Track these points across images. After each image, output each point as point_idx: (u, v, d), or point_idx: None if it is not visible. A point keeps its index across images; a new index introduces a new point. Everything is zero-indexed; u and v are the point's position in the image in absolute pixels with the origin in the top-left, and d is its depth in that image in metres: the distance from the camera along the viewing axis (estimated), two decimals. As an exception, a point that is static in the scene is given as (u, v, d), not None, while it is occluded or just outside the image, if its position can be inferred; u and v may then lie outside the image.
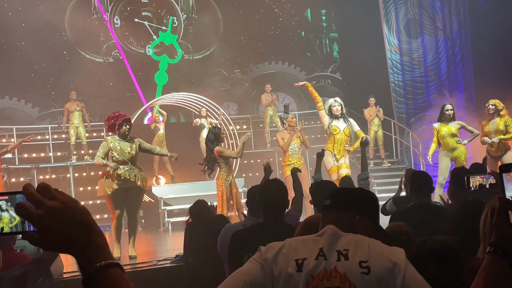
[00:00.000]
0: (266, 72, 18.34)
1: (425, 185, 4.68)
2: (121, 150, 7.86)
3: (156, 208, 12.88)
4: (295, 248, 2.01)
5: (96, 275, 1.16)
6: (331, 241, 2.00)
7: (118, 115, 7.99)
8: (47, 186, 1.18)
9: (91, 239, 1.18)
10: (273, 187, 3.89)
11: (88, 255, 1.17)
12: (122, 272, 1.19)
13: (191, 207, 6.14)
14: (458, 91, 15.36)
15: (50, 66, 15.76)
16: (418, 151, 14.21)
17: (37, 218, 1.15)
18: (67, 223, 1.16)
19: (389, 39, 15.58)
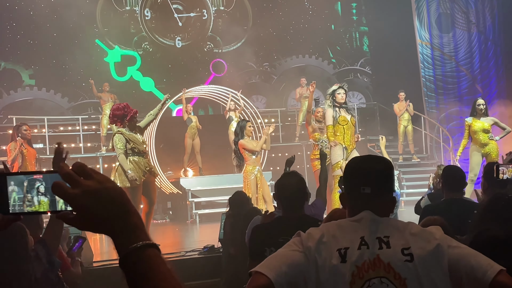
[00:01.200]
0: (295, 65, 18.27)
1: (457, 180, 4.62)
2: (138, 141, 7.75)
3: (184, 200, 12.95)
4: (334, 235, 2.00)
5: (133, 256, 1.14)
6: (370, 227, 2.00)
7: (127, 106, 7.83)
8: (82, 165, 1.16)
9: (127, 219, 1.16)
10: (291, 180, 3.83)
11: (125, 236, 1.15)
12: (159, 252, 1.17)
13: (230, 198, 6.15)
14: (490, 86, 15.11)
15: (81, 58, 15.92)
16: (448, 146, 14.04)
17: (73, 198, 1.13)
18: (103, 203, 1.14)
19: (420, 33, 15.39)
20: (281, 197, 3.84)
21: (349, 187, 2.16)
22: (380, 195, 2.08)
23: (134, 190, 7.54)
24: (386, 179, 2.13)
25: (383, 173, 2.13)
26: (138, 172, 7.64)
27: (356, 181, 2.11)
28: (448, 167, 5.15)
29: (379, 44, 17.71)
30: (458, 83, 15.37)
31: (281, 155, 15.14)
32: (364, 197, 2.07)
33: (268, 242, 3.61)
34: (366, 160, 2.22)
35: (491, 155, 9.21)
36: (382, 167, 2.14)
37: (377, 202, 2.07)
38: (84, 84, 16.06)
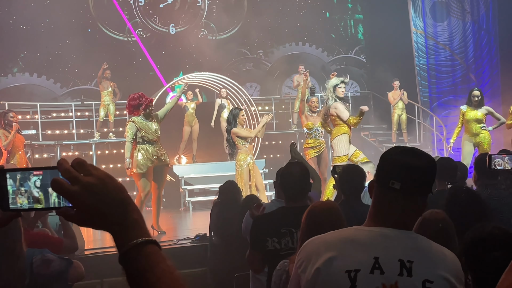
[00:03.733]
0: (290, 53, 18.21)
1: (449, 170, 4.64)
2: (149, 129, 8.06)
3: (177, 187, 12.95)
4: (342, 250, 1.78)
5: (133, 252, 1.14)
6: (387, 247, 1.76)
7: (142, 95, 8.17)
8: (82, 161, 1.16)
9: (127, 215, 1.16)
10: (295, 170, 3.80)
11: (125, 232, 1.15)
12: (159, 249, 1.17)
13: (221, 186, 6.15)
14: (484, 75, 15.12)
15: (74, 44, 15.81)
16: (441, 135, 14.06)
17: (73, 194, 1.13)
18: (103, 199, 1.14)
19: (415, 21, 15.35)
20: (284, 187, 3.83)
21: (379, 177, 1.88)
22: (410, 194, 1.81)
23: (142, 176, 7.98)
24: (422, 178, 1.84)
25: (420, 170, 1.83)
26: (145, 160, 7.97)
27: (388, 173, 1.84)
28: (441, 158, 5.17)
29: (374, 32, 17.66)
30: (452, 72, 15.36)
31: (274, 143, 15.15)
32: (392, 193, 1.81)
33: (270, 233, 3.62)
34: (405, 152, 1.89)
35: (482, 145, 9.23)
36: (421, 163, 1.83)
37: (405, 203, 1.81)
38: (77, 70, 15.96)
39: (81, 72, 15.87)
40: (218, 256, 5.88)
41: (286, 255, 3.38)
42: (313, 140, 9.62)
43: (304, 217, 2.95)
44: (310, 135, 9.65)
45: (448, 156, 5.90)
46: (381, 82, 15.73)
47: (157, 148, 8.14)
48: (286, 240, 3.57)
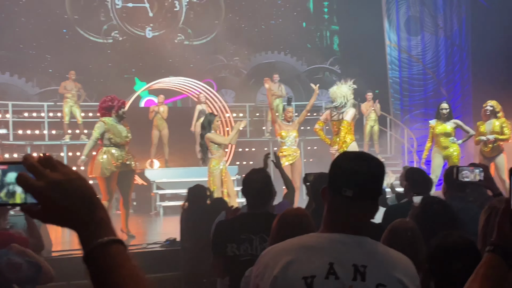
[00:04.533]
0: (266, 61, 18.29)
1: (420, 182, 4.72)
2: (119, 133, 7.93)
3: (148, 191, 12.87)
4: (298, 256, 1.79)
5: (97, 251, 1.10)
6: (342, 251, 1.79)
7: (114, 98, 8.11)
8: (48, 157, 1.14)
9: (93, 213, 1.12)
10: (256, 177, 3.81)
11: (90, 230, 1.11)
12: (125, 248, 1.13)
13: (189, 189, 6.13)
14: (455, 90, 15.38)
15: (49, 44, 15.66)
16: (412, 147, 14.24)
17: (38, 190, 1.10)
18: (69, 196, 1.10)
19: (389, 35, 15.56)
20: (246, 193, 3.83)
21: (331, 185, 1.89)
22: (363, 200, 1.84)
23: (105, 180, 7.84)
24: (373, 182, 1.87)
25: (371, 175, 1.86)
26: (109, 164, 7.83)
27: (339, 180, 1.86)
28: (411, 169, 5.25)
29: (349, 43, 17.85)
30: (424, 85, 15.59)
31: (248, 150, 15.16)
32: (345, 200, 1.83)
33: (230, 238, 3.61)
34: (354, 158, 1.91)
35: (452, 158, 9.36)
36: (370, 169, 1.86)
37: (358, 208, 1.84)
38: (51, 70, 15.80)
39: (55, 73, 15.71)
40: (190, 261, 5.87)
41: (246, 261, 3.37)
42: (287, 149, 9.67)
43: (275, 224, 2.97)
44: (283, 144, 9.70)
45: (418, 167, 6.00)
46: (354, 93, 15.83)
47: (123, 152, 8.03)
48: (245, 247, 3.57)
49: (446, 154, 9.41)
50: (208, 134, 8.70)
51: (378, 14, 15.63)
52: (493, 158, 9.52)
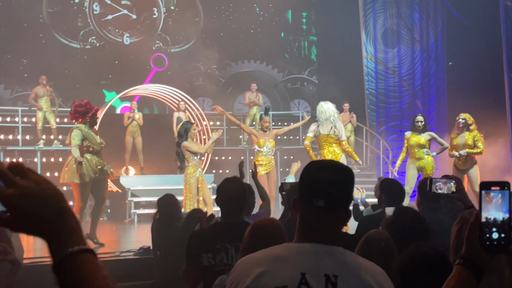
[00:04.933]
0: (244, 70, 18.32)
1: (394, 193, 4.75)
2: (94, 139, 7.90)
3: (123, 199, 12.77)
4: (271, 267, 1.79)
5: (67, 261, 1.09)
6: (313, 261, 1.79)
7: (88, 102, 8.00)
8: (19, 164, 1.11)
9: (64, 222, 1.10)
10: (230, 186, 3.80)
11: (60, 239, 1.10)
12: (95, 258, 1.12)
13: (159, 200, 6.11)
14: (430, 102, 15.56)
15: (25, 48, 15.50)
16: (387, 159, 14.36)
17: (8, 197, 1.07)
18: (40, 204, 1.09)
19: (366, 47, 15.71)
20: (220, 202, 3.82)
21: (302, 195, 1.89)
22: (334, 208, 1.84)
23: (83, 186, 7.77)
24: (343, 191, 1.87)
25: (341, 184, 1.86)
26: (88, 170, 7.78)
27: (310, 191, 1.86)
28: (386, 180, 5.29)
29: (327, 54, 17.98)
30: (399, 97, 15.75)
31: (224, 159, 15.15)
32: (317, 210, 1.83)
33: (205, 248, 3.58)
34: (323, 167, 1.91)
35: (426, 170, 9.45)
36: (341, 177, 1.87)
37: (330, 218, 1.85)
38: (26, 75, 15.63)
39: (30, 77, 15.55)
40: (163, 270, 5.83)
41: (221, 271, 3.34)
42: (263, 158, 9.67)
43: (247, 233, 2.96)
44: (260, 152, 9.70)
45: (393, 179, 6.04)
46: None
47: (100, 159, 8.02)
48: (221, 256, 3.56)
49: (420, 165, 9.50)
50: (184, 142, 8.68)
51: (356, 26, 15.77)
52: (467, 171, 9.64)
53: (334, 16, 16.58)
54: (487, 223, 1.49)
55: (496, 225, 1.49)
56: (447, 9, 15.45)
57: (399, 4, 15.77)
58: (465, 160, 9.63)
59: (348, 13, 15.98)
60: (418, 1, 15.75)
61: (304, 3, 19.04)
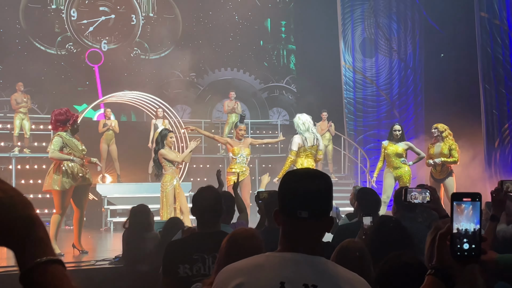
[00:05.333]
0: (222, 78, 18.31)
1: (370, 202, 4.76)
2: (75, 146, 7.87)
3: (99, 207, 12.63)
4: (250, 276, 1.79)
5: (35, 272, 1.07)
6: (292, 271, 1.78)
7: (68, 110, 7.99)
8: None
9: (32, 232, 1.09)
10: (206, 195, 3.76)
11: (28, 250, 1.08)
12: (64, 269, 1.11)
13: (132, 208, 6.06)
14: (408, 112, 15.69)
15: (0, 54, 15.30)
16: (365, 167, 14.42)
17: None
18: (8, 214, 1.07)
19: (345, 56, 15.80)
20: (196, 212, 3.77)
21: (284, 207, 1.86)
22: (318, 218, 1.83)
23: (63, 193, 7.70)
24: (325, 200, 1.86)
25: (323, 194, 1.85)
26: (69, 178, 7.73)
27: (292, 203, 1.84)
28: (363, 189, 5.30)
29: (306, 63, 18.05)
30: (377, 106, 15.85)
31: (202, 167, 15.10)
32: (300, 222, 1.82)
33: (181, 259, 3.54)
34: (303, 178, 1.89)
35: (403, 179, 9.50)
36: (322, 187, 1.85)
37: (314, 227, 1.84)
38: (1, 81, 15.44)
39: (6, 84, 15.36)
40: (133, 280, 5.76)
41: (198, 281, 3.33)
42: (238, 166, 9.64)
43: (224, 243, 2.94)
44: (234, 160, 9.68)
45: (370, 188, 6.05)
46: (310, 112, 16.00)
47: (82, 167, 7.96)
48: (197, 267, 3.52)
49: (398, 174, 9.56)
50: (161, 150, 8.63)
51: (334, 35, 15.86)
52: (443, 180, 9.72)
53: (312, 25, 16.67)
54: (458, 234, 1.50)
55: (467, 236, 1.50)
56: (424, 20, 15.61)
57: (377, 14, 15.90)
58: (441, 169, 9.71)
59: (326, 22, 16.08)
60: (396, 11, 15.90)
61: (283, 12, 19.12)
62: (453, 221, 1.51)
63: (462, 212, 1.51)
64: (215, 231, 3.66)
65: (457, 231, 1.50)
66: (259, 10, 18.36)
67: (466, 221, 1.50)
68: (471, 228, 1.50)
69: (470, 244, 1.50)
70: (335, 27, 15.87)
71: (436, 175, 9.77)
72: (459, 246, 1.50)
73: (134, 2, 17.43)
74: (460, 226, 1.50)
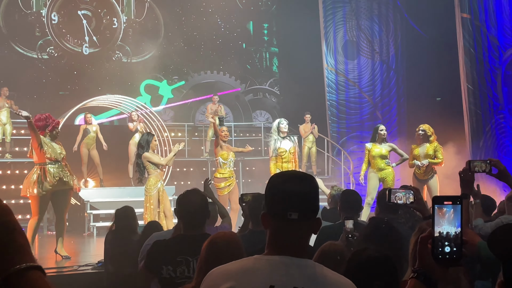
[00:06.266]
0: (205, 80, 18.27)
1: (354, 204, 4.78)
2: (53, 149, 7.84)
3: (81, 212, 12.53)
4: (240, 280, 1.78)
5: (15, 278, 1.07)
6: (282, 274, 1.79)
7: (49, 116, 8.01)
8: None
9: (12, 239, 1.09)
10: (193, 198, 3.77)
11: (8, 256, 1.08)
12: (43, 275, 1.10)
13: (117, 211, 6.01)
14: (391, 113, 15.77)
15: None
16: (348, 169, 14.47)
17: None
18: None
19: (327, 58, 15.85)
20: (182, 214, 3.77)
21: (272, 210, 1.86)
22: (307, 218, 1.84)
23: (40, 198, 7.68)
24: (314, 200, 1.88)
25: (310, 194, 1.87)
26: (45, 181, 7.71)
27: (281, 204, 1.84)
28: (346, 191, 5.32)
29: (288, 65, 18.08)
30: (360, 108, 15.92)
31: (186, 170, 15.04)
32: (290, 223, 1.82)
33: (165, 260, 3.55)
34: (290, 179, 1.89)
35: (387, 181, 9.54)
36: (308, 188, 1.87)
37: (303, 228, 1.85)
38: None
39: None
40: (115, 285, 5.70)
41: (182, 283, 3.35)
42: (227, 171, 9.67)
43: (204, 247, 2.95)
44: (224, 165, 9.68)
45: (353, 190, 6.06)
46: (293, 115, 16.07)
47: (61, 169, 7.91)
48: (181, 269, 3.53)
49: (382, 176, 9.60)
50: (146, 153, 8.61)
51: (317, 38, 15.90)
52: (426, 181, 9.78)
53: (295, 27, 16.69)
54: (440, 237, 1.52)
55: (448, 239, 1.52)
56: (406, 21, 15.71)
57: (359, 16, 15.98)
58: (426, 170, 9.76)
59: (309, 25, 16.10)
60: (378, 13, 15.98)
61: (265, 15, 19.15)
62: (434, 225, 1.52)
63: (444, 216, 1.52)
64: (200, 233, 3.66)
65: (438, 234, 1.52)
66: (241, 13, 18.36)
67: (448, 224, 1.52)
68: (452, 231, 1.51)
69: (451, 247, 1.51)
70: (317, 29, 15.92)
71: (420, 176, 9.82)
72: (440, 249, 1.52)
73: (115, 5, 17.33)
74: (442, 229, 1.52)
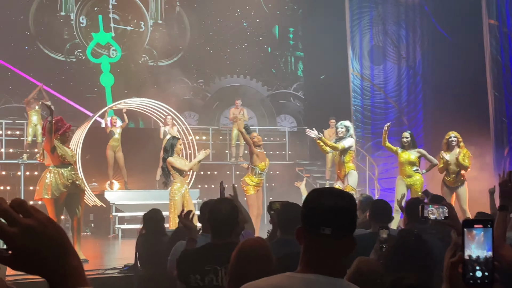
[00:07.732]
0: (230, 84, 18.30)
1: (384, 213, 4.73)
2: (66, 152, 7.93)
3: (107, 214, 12.63)
4: None
5: None
6: None
7: (61, 119, 8.07)
8: (22, 202, 1.10)
9: (66, 261, 1.09)
10: (223, 207, 3.77)
11: (63, 279, 1.08)
12: None
13: (145, 215, 6.03)
14: (417, 119, 15.61)
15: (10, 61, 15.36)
16: (373, 175, 14.36)
17: (11, 237, 1.05)
18: (43, 243, 1.07)
19: (353, 63, 15.75)
20: (211, 222, 3.77)
21: (307, 223, 1.86)
22: (341, 236, 1.83)
23: (54, 201, 7.73)
24: (349, 218, 1.87)
25: (346, 211, 1.86)
26: (58, 185, 7.79)
27: (316, 219, 1.84)
28: (377, 201, 5.28)
29: (314, 70, 18.01)
30: (385, 114, 15.78)
31: (210, 173, 15.08)
32: (323, 239, 1.81)
33: (194, 269, 3.54)
34: (327, 194, 1.91)
35: (415, 187, 9.45)
36: (345, 204, 1.87)
37: (337, 246, 1.83)
38: (11, 87, 15.49)
39: (15, 90, 15.41)
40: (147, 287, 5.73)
41: None
42: (258, 180, 9.63)
43: (234, 254, 2.94)
44: (260, 175, 9.64)
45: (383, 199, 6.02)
46: (318, 119, 16.00)
47: (73, 172, 8.00)
48: (210, 278, 3.52)
49: (410, 183, 9.52)
50: (170, 158, 8.63)
51: (343, 42, 15.82)
52: (456, 188, 9.66)
53: (321, 32, 16.63)
54: (470, 261, 1.48)
55: (479, 263, 1.48)
56: (433, 27, 15.55)
57: (385, 21, 15.85)
58: (456, 178, 9.63)
59: (334, 29, 16.03)
60: (405, 18, 15.84)
61: (291, 19, 19.11)
62: (464, 248, 1.49)
63: (473, 239, 1.48)
64: (228, 242, 3.65)
65: (468, 257, 1.48)
66: (267, 17, 18.35)
67: (478, 248, 1.48)
68: (483, 255, 1.48)
69: (483, 272, 1.47)
70: (343, 34, 15.83)
71: (450, 183, 9.70)
72: (471, 274, 1.48)
73: (142, 9, 17.47)
74: (472, 253, 1.48)
